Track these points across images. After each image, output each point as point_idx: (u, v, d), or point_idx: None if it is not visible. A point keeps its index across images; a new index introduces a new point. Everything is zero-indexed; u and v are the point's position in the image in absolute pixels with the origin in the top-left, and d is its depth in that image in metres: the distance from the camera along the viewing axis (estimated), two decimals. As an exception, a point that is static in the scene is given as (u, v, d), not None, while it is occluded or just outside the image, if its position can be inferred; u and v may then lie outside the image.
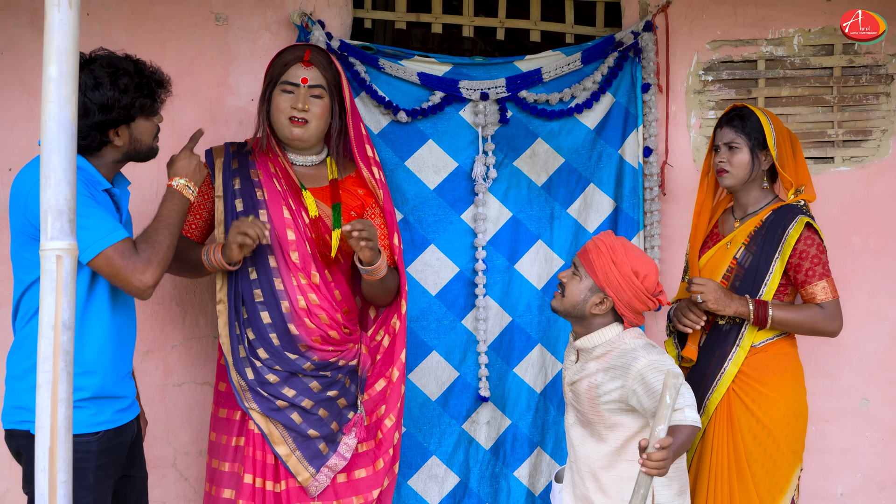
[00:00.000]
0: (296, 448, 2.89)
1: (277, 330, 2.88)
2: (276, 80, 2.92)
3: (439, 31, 3.68)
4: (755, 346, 2.95)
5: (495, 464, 3.49)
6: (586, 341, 2.69)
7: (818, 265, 2.92)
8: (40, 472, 1.73)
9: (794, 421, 2.95)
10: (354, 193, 3.04)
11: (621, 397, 2.57)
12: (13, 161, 3.25)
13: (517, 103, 3.50)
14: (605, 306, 2.65)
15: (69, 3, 1.72)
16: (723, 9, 3.60)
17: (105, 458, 2.46)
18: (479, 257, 3.46)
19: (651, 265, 2.67)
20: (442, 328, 3.47)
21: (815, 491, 3.64)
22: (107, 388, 2.48)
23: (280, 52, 2.96)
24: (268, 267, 2.89)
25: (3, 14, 3.24)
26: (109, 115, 2.43)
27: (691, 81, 3.61)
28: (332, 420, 2.95)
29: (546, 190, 3.52)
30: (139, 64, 2.53)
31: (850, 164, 3.63)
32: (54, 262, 1.73)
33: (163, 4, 3.35)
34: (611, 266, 2.63)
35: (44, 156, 1.72)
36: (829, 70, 3.62)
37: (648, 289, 2.64)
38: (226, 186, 2.95)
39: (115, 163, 2.55)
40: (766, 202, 3.05)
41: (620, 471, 2.63)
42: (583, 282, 2.67)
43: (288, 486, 2.89)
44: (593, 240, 2.72)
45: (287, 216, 2.92)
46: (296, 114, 2.89)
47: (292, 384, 2.89)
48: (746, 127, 3.01)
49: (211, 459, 3.00)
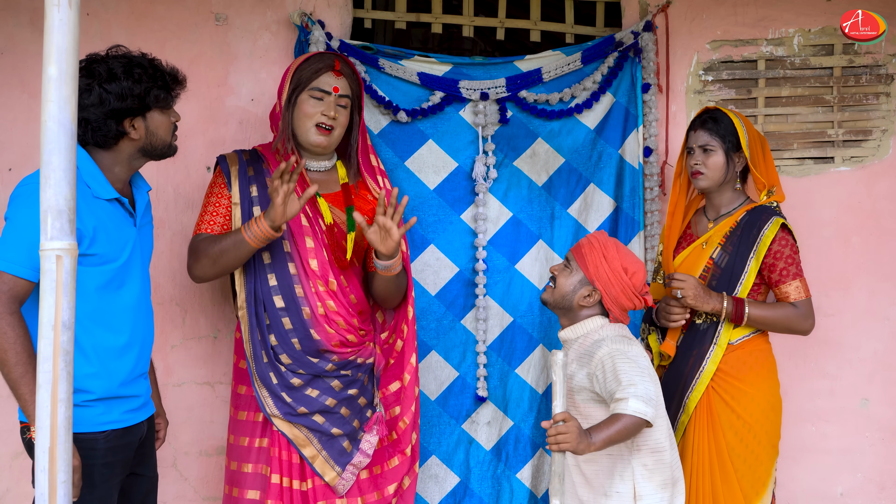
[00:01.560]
0: (322, 448, 2.92)
1: (299, 335, 2.90)
2: (305, 85, 2.91)
3: (439, 31, 3.68)
4: (732, 343, 3.01)
5: (497, 465, 3.48)
6: (570, 332, 2.79)
7: (792, 265, 3.00)
8: (40, 472, 1.73)
9: (772, 415, 3.03)
10: (366, 198, 3.06)
11: (589, 385, 2.66)
12: (13, 161, 3.25)
13: (517, 103, 3.50)
14: (592, 299, 2.76)
15: (69, 3, 1.72)
16: (723, 9, 3.60)
17: (111, 457, 2.46)
18: (479, 257, 3.46)
19: (640, 265, 2.79)
20: (441, 328, 3.47)
21: (815, 491, 3.64)
22: (116, 390, 2.48)
23: (308, 58, 2.95)
24: (287, 273, 2.90)
25: (3, 14, 3.24)
26: (124, 104, 2.45)
27: (691, 81, 3.61)
28: (354, 418, 2.98)
29: (546, 190, 3.52)
30: (153, 59, 2.56)
31: (850, 164, 3.63)
32: (54, 262, 1.73)
33: (163, 4, 3.35)
34: (602, 260, 2.75)
35: (44, 156, 1.72)
36: (829, 70, 3.62)
37: (636, 286, 2.75)
38: (242, 194, 2.94)
39: (131, 159, 2.55)
40: (739, 203, 3.11)
41: (601, 463, 2.68)
42: (573, 275, 2.78)
43: (314, 485, 2.92)
44: (587, 237, 2.84)
45: (305, 224, 2.92)
46: (325, 121, 2.90)
47: (315, 385, 2.92)
48: (720, 129, 3.06)
49: (230, 462, 3.00)
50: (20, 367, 2.29)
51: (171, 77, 2.57)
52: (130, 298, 2.52)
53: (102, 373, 2.44)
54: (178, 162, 3.29)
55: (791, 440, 3.59)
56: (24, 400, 2.30)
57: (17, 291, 2.32)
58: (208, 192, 3.00)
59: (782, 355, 3.43)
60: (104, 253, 2.43)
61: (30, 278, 2.33)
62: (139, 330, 2.56)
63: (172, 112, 2.60)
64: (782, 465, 3.59)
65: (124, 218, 2.52)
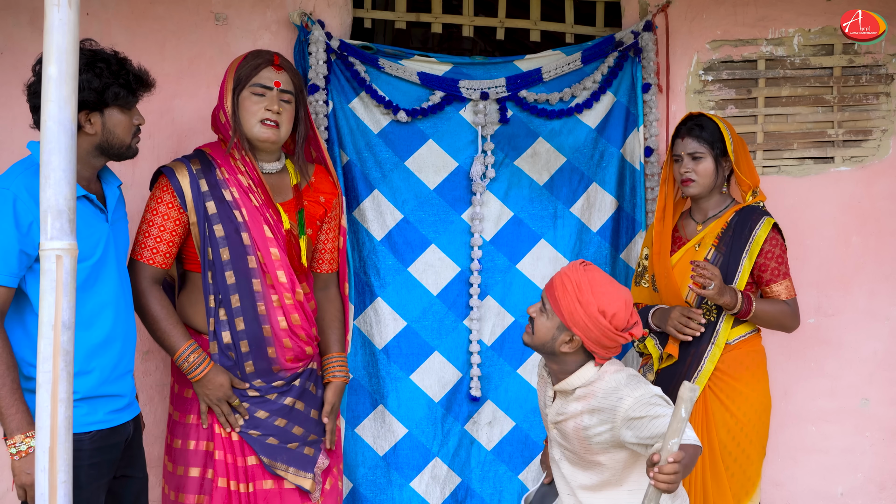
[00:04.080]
0: (288, 466, 2.89)
1: (253, 356, 2.85)
2: (246, 82, 2.85)
3: (439, 30, 3.68)
4: (730, 343, 3.02)
5: (498, 465, 3.48)
6: (565, 384, 2.58)
7: (782, 265, 3.03)
8: (40, 472, 1.73)
9: (764, 416, 3.04)
10: (316, 200, 3.04)
11: (613, 438, 2.50)
12: (13, 160, 3.24)
13: (517, 103, 3.50)
14: (574, 344, 2.53)
15: (69, 2, 1.72)
16: (723, 9, 3.60)
17: (97, 458, 2.46)
18: (475, 257, 3.46)
19: (618, 301, 2.51)
20: (443, 328, 3.47)
21: (816, 491, 3.64)
22: (100, 388, 2.47)
23: (246, 56, 2.90)
24: (251, 291, 2.84)
25: (3, 14, 3.24)
26: (80, 95, 2.36)
27: (691, 81, 3.60)
28: (309, 433, 2.95)
29: (548, 189, 3.52)
30: (122, 58, 2.51)
31: (850, 164, 3.63)
32: (54, 262, 1.73)
33: (163, 4, 3.34)
34: (576, 305, 2.49)
35: (43, 155, 1.72)
36: (829, 70, 3.62)
37: (617, 327, 2.50)
38: (198, 212, 2.83)
39: (90, 156, 2.51)
40: (727, 205, 3.13)
41: (620, 499, 2.58)
42: (550, 319, 2.55)
43: (255, 489, 2.87)
44: (560, 274, 2.58)
45: (269, 235, 2.86)
46: (270, 116, 2.84)
47: (264, 406, 2.88)
48: (707, 136, 3.06)
49: (176, 466, 2.90)
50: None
51: (135, 78, 2.51)
52: (107, 295, 2.50)
53: (84, 371, 2.42)
54: (178, 162, 3.29)
55: (791, 440, 3.60)
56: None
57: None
58: (152, 208, 2.84)
59: (782, 355, 3.44)
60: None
61: (7, 284, 2.32)
62: (119, 326, 2.54)
63: (135, 114, 2.55)
64: (782, 465, 3.59)
65: (95, 215, 2.49)
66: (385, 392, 3.43)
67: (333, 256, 3.15)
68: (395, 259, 3.43)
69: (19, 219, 2.32)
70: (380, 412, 3.43)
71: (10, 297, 2.35)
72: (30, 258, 2.34)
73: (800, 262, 3.51)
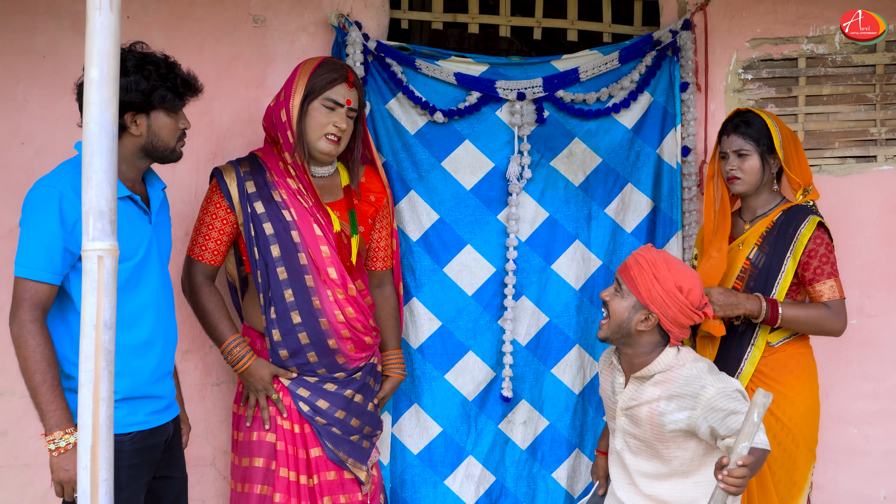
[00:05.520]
0: (348, 457, 2.99)
1: (315, 348, 2.93)
2: (319, 94, 2.89)
3: (476, 31, 3.68)
4: (772, 345, 2.97)
5: (532, 464, 3.48)
6: (646, 371, 2.63)
7: (826, 264, 2.94)
8: (82, 470, 1.75)
9: (811, 420, 2.98)
10: (367, 200, 3.09)
11: (689, 426, 2.53)
12: (56, 163, 3.28)
13: (554, 103, 3.48)
14: (650, 323, 2.59)
15: (110, 6, 1.73)
16: (762, 6, 3.56)
17: (137, 459, 2.48)
18: (510, 257, 3.45)
19: (695, 278, 2.62)
20: (478, 328, 3.46)
21: (858, 494, 3.59)
22: (140, 389, 2.49)
23: (321, 65, 2.92)
24: (304, 286, 2.92)
25: (45, 18, 3.28)
26: (127, 96, 2.41)
27: (730, 80, 3.57)
28: (365, 426, 3.04)
29: (583, 190, 3.50)
30: (172, 62, 2.54)
31: (892, 162, 3.58)
32: (96, 263, 1.75)
33: (201, 7, 3.37)
34: (653, 282, 2.58)
35: (85, 157, 1.73)
36: (871, 67, 3.57)
37: (693, 303, 2.59)
38: (244, 212, 2.93)
39: (135, 157, 2.52)
40: (776, 203, 3.07)
41: (687, 492, 2.60)
42: (626, 299, 2.62)
43: (320, 480, 2.95)
44: (633, 255, 2.66)
45: (319, 233, 2.93)
46: (336, 132, 2.90)
47: (326, 397, 2.96)
48: (754, 132, 3.02)
49: (241, 459, 3.01)
50: (38, 376, 2.31)
51: (183, 82, 2.53)
52: (149, 296, 2.52)
53: (125, 371, 2.44)
54: (218, 162, 3.32)
55: (833, 442, 3.55)
56: (39, 409, 2.33)
57: (38, 297, 2.34)
58: (203, 208, 3.00)
59: (823, 357, 3.38)
60: (119, 251, 2.44)
61: (50, 281, 2.35)
62: (160, 328, 2.56)
63: (182, 118, 2.56)
64: (823, 468, 3.54)
65: (138, 216, 2.51)
66: (420, 391, 3.44)
67: (387, 254, 3.22)
68: (430, 259, 3.44)
69: (65, 217, 2.34)
70: (414, 411, 3.44)
71: (54, 295, 2.38)
72: (73, 256, 2.37)
73: (842, 262, 3.46)
